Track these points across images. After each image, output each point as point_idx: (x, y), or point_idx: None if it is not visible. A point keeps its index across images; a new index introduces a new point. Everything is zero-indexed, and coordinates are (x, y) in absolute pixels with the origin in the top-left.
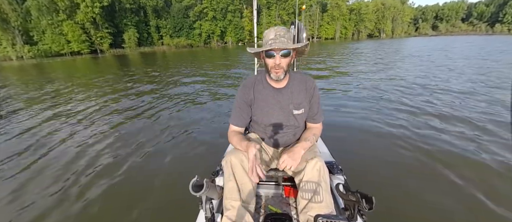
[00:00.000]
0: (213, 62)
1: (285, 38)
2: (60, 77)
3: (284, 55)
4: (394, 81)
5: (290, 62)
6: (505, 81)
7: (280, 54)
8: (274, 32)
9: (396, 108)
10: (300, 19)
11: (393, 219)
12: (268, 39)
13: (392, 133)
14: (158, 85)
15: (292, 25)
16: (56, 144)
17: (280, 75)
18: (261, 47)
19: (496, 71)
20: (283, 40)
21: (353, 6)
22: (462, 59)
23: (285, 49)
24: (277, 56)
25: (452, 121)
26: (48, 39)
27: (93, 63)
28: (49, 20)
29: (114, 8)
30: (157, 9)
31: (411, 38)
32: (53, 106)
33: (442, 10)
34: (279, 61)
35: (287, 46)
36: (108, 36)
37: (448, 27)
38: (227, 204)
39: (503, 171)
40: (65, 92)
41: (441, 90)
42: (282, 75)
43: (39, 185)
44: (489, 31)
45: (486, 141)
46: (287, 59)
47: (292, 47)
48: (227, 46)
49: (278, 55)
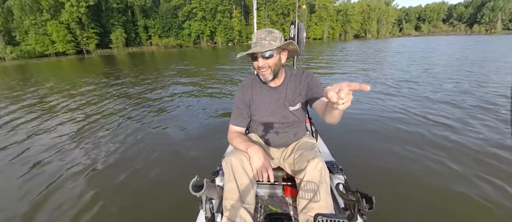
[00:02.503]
0: (205, 62)
1: (267, 40)
2: (41, 80)
3: (267, 57)
4: (394, 81)
5: (278, 62)
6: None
7: (261, 56)
8: (256, 36)
9: (396, 108)
10: (300, 19)
11: (393, 219)
12: (252, 43)
13: (392, 132)
14: (153, 85)
15: (292, 25)
16: (56, 145)
17: (267, 77)
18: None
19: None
20: (264, 42)
21: (340, 7)
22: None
23: (266, 51)
24: (259, 59)
25: (454, 120)
26: (32, 39)
27: (79, 64)
28: (33, 20)
29: (100, 8)
30: (145, 9)
31: (395, 38)
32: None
33: (424, 12)
34: (263, 63)
35: (268, 47)
36: (95, 36)
37: (430, 28)
38: (227, 204)
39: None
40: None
41: (442, 89)
42: (270, 76)
43: (39, 186)
44: (468, 32)
45: (487, 133)
46: (273, 59)
47: (271, 49)
48: (217, 46)
49: (260, 58)
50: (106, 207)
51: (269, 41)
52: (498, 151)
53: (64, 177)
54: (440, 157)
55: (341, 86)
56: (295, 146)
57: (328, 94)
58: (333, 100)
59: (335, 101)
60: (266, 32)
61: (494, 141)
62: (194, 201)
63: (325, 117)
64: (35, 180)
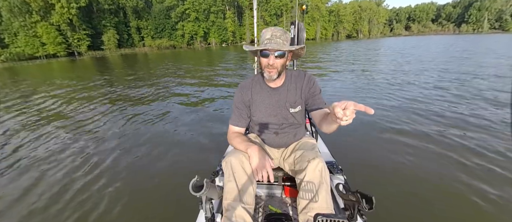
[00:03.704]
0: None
1: (281, 39)
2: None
3: (279, 56)
4: (392, 81)
5: (285, 63)
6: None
7: (274, 54)
8: (271, 32)
9: (396, 108)
10: (300, 20)
11: (393, 219)
12: (264, 39)
13: (392, 132)
14: (151, 87)
15: (292, 25)
16: (55, 146)
17: (272, 76)
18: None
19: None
20: (278, 41)
21: (332, 8)
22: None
23: (280, 50)
24: (271, 56)
25: (454, 119)
26: (21, 41)
27: (70, 66)
28: (22, 21)
29: (91, 9)
30: (138, 10)
31: (386, 38)
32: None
33: (414, 12)
34: (273, 61)
35: (282, 47)
36: (86, 38)
37: (420, 28)
38: (227, 205)
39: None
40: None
41: (442, 89)
42: (274, 75)
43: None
44: (456, 31)
45: (485, 137)
46: (282, 60)
47: (287, 49)
48: (211, 47)
49: (272, 56)
50: (106, 207)
51: (283, 41)
52: (499, 151)
53: (64, 177)
54: (440, 157)
55: (348, 105)
56: (295, 146)
57: (334, 109)
58: (338, 116)
59: (340, 117)
60: (281, 31)
61: (494, 141)
62: (194, 201)
63: (322, 126)
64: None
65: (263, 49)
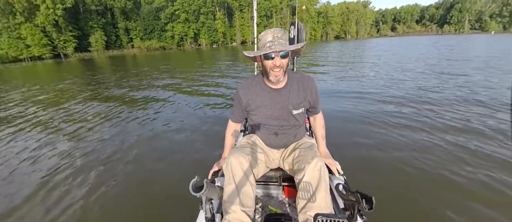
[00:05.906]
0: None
1: (283, 39)
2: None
3: (283, 57)
4: (391, 81)
5: (288, 62)
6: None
7: (279, 55)
8: (272, 34)
9: (396, 107)
10: (300, 20)
11: (393, 220)
12: (266, 42)
13: (392, 132)
14: (148, 89)
15: (292, 25)
16: (55, 148)
17: (279, 77)
18: (258, 50)
19: None
20: (281, 41)
21: (321, 10)
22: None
23: (285, 50)
24: (276, 57)
25: (454, 120)
26: (4, 43)
27: (55, 68)
28: (5, 23)
29: (78, 10)
30: (126, 11)
31: (373, 38)
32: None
33: (399, 13)
34: (279, 62)
35: (287, 47)
36: (73, 39)
37: (405, 29)
38: (227, 207)
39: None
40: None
41: (441, 88)
42: (281, 76)
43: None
44: (439, 32)
45: (488, 133)
46: (286, 60)
47: (292, 49)
48: (201, 49)
49: (277, 57)
50: (105, 208)
51: (284, 41)
52: (498, 151)
53: (62, 176)
54: (440, 157)
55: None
56: (294, 146)
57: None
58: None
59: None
60: (281, 32)
61: (494, 142)
62: (194, 201)
63: (315, 130)
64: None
65: (269, 52)
